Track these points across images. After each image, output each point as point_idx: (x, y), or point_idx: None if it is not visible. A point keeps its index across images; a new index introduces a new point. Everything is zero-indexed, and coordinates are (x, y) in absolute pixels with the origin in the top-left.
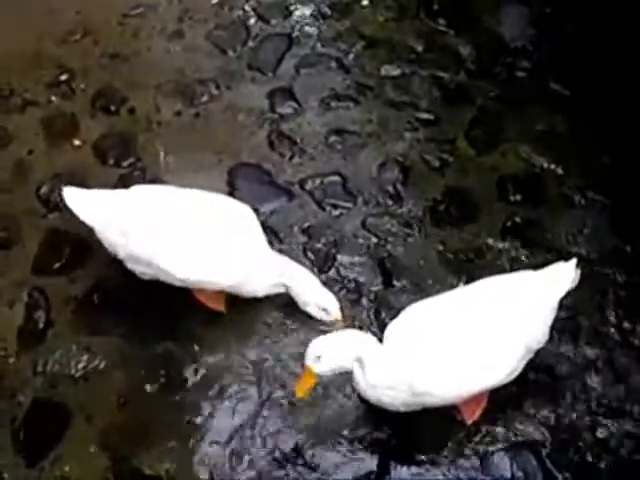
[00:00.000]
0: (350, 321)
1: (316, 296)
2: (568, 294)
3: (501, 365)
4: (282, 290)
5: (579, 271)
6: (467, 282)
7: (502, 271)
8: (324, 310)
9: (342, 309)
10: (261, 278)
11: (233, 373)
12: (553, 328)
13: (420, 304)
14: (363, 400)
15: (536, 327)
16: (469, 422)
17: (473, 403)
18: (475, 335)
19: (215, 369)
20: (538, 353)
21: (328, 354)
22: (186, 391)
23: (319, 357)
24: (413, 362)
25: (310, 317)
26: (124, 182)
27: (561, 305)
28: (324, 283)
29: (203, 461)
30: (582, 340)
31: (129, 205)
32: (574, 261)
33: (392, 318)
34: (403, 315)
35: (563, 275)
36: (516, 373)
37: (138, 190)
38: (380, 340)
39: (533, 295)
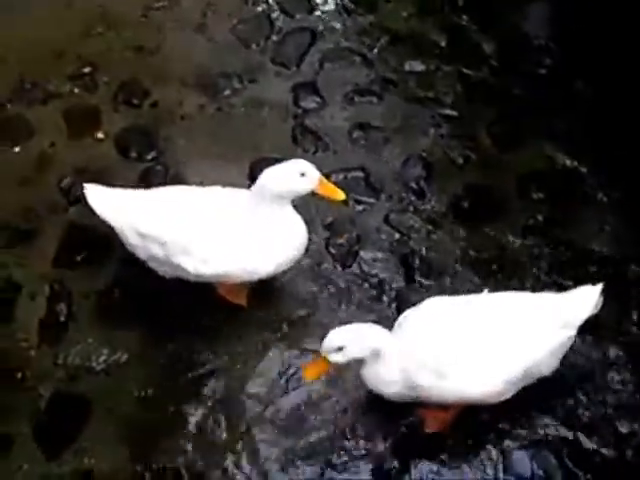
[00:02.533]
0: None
1: (284, 169)
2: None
3: (494, 382)
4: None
5: (602, 298)
6: (487, 279)
7: (523, 269)
8: (302, 175)
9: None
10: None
11: (253, 367)
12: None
13: (437, 300)
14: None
15: (542, 356)
16: (428, 431)
17: (439, 415)
18: (478, 347)
19: (235, 363)
20: None
21: (351, 346)
22: (206, 385)
23: (341, 348)
24: (415, 357)
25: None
26: (146, 176)
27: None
28: (346, 279)
29: (223, 455)
30: (604, 338)
31: (146, 206)
32: (600, 286)
33: None
34: (418, 308)
35: (586, 302)
36: (508, 395)
37: (158, 192)
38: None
39: (547, 324)
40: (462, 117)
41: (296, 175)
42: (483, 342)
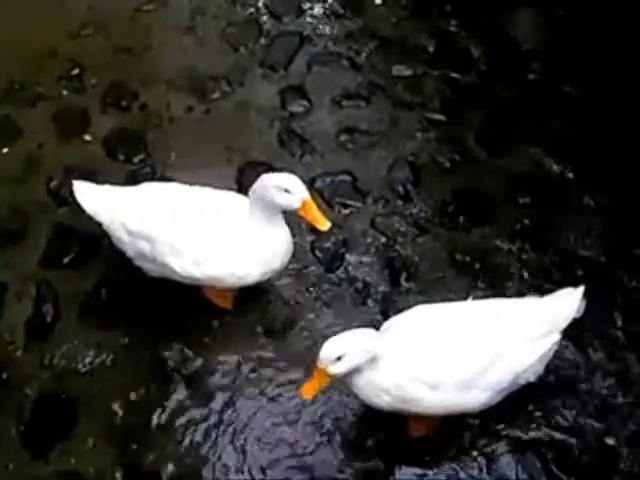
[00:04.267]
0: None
1: (271, 180)
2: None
3: (484, 394)
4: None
5: (585, 301)
6: (474, 283)
7: (509, 273)
8: (286, 191)
9: (340, 318)
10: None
11: (239, 371)
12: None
13: (423, 308)
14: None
15: (530, 362)
16: (413, 435)
17: (424, 419)
18: (467, 358)
19: (221, 367)
20: None
21: (350, 354)
22: (192, 388)
23: (340, 357)
24: (402, 367)
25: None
26: (134, 178)
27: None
28: (332, 283)
29: (207, 460)
30: (589, 343)
31: (135, 202)
32: (581, 289)
33: None
34: (404, 315)
35: (569, 305)
36: (493, 403)
37: (146, 187)
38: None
39: (534, 330)
40: (450, 121)
41: (280, 189)
42: (472, 352)
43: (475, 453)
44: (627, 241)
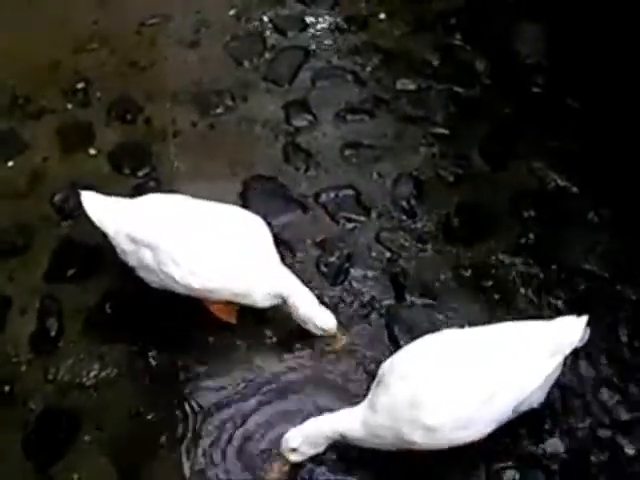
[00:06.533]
0: (347, 338)
1: (314, 316)
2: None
3: (487, 423)
4: (280, 302)
5: (589, 329)
6: (477, 298)
7: (513, 287)
8: (321, 329)
9: (340, 328)
10: (263, 289)
11: (244, 385)
12: None
13: (423, 342)
14: None
15: (533, 390)
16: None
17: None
18: (472, 389)
19: (225, 380)
20: None
21: (304, 447)
22: (196, 402)
23: (294, 450)
24: (402, 413)
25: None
26: (139, 191)
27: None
28: (336, 297)
29: (213, 475)
30: (594, 358)
31: (140, 212)
32: (585, 318)
33: (404, 333)
34: (405, 351)
35: (573, 333)
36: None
37: (151, 198)
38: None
39: (536, 356)
40: (454, 136)
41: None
42: (474, 387)
43: (480, 468)
44: (632, 256)
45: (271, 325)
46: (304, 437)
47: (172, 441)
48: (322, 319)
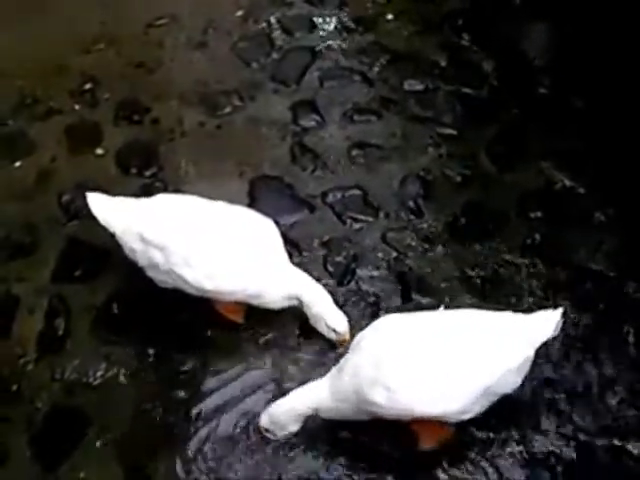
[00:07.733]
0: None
1: (327, 315)
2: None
3: (452, 398)
4: (296, 303)
5: (562, 320)
6: (484, 297)
7: (520, 288)
8: (333, 330)
9: (351, 331)
10: (276, 290)
11: (250, 385)
12: (570, 347)
13: (394, 317)
14: None
15: (504, 372)
16: (425, 448)
17: (431, 430)
18: (437, 360)
19: (232, 381)
20: (555, 370)
21: (272, 426)
22: (203, 402)
23: (267, 430)
24: (368, 375)
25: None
26: (146, 192)
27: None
28: (343, 297)
29: (220, 473)
30: (600, 358)
31: (150, 212)
32: (560, 310)
33: None
34: (374, 326)
35: (546, 324)
36: (471, 414)
37: (160, 198)
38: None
39: (508, 340)
40: (461, 136)
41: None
42: (440, 359)
43: (484, 468)
44: (638, 255)
45: (278, 325)
46: (270, 416)
47: (179, 440)
48: (335, 320)
